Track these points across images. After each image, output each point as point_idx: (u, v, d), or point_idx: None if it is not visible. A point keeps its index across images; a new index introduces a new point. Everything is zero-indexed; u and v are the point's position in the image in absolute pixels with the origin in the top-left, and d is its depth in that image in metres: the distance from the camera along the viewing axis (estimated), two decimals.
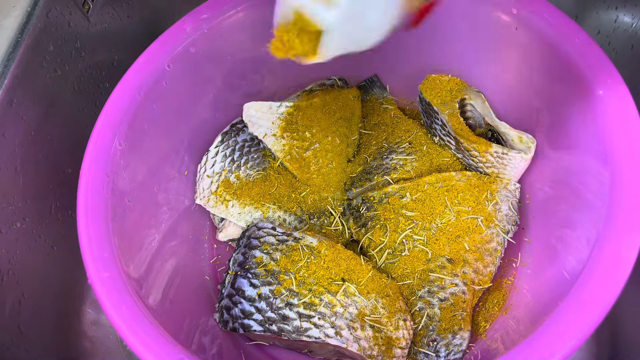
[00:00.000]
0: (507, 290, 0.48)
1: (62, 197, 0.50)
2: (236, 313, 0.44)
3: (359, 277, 0.44)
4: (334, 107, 0.55)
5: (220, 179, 0.53)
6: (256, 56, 0.56)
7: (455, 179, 0.49)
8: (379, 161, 0.53)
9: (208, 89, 0.54)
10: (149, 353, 0.35)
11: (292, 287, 0.43)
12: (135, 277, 0.40)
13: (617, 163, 0.38)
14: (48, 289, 0.49)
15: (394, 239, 0.47)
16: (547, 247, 0.46)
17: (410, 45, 0.57)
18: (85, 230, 0.40)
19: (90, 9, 0.53)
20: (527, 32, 0.46)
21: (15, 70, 0.43)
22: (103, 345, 0.54)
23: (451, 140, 0.52)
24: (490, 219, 0.47)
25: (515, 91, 0.51)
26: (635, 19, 0.45)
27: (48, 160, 0.48)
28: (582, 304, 0.34)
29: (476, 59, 0.54)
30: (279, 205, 0.52)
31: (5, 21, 0.44)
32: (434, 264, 0.45)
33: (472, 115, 0.53)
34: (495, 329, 0.45)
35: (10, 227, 0.44)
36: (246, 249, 0.47)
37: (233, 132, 0.56)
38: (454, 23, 0.52)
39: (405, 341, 0.42)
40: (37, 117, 0.46)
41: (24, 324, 0.45)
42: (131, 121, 0.46)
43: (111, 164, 0.43)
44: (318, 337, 0.41)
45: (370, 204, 0.50)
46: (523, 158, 0.48)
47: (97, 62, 0.55)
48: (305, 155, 0.53)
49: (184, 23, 0.50)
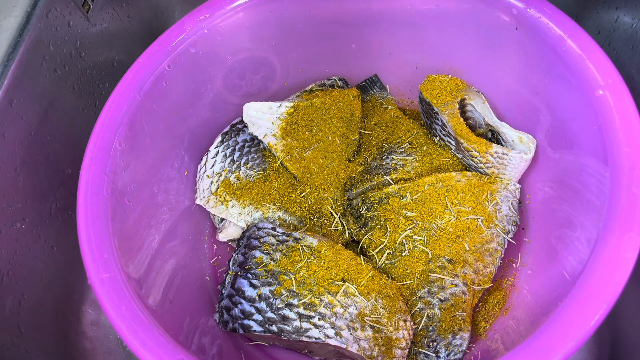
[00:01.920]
0: (507, 290, 0.48)
1: (62, 197, 0.50)
2: (236, 313, 0.44)
3: (359, 277, 0.44)
4: (334, 107, 0.55)
5: (220, 179, 0.53)
6: (256, 56, 0.56)
7: (455, 180, 0.49)
8: (379, 161, 0.53)
9: (208, 89, 0.54)
10: (148, 353, 0.35)
11: (292, 287, 0.43)
12: (135, 277, 0.40)
13: (617, 163, 0.38)
14: (48, 289, 0.49)
15: (394, 239, 0.47)
16: (547, 247, 0.46)
17: (411, 46, 0.57)
18: (85, 230, 0.40)
19: (90, 9, 0.53)
20: (527, 32, 0.46)
21: (15, 70, 0.43)
22: (103, 345, 0.54)
23: (451, 141, 0.52)
24: (490, 220, 0.47)
25: (515, 91, 0.51)
26: (635, 19, 0.45)
27: (48, 160, 0.48)
28: (582, 304, 0.34)
29: (476, 59, 0.54)
30: (279, 205, 0.52)
31: (5, 21, 0.44)
32: (434, 265, 0.45)
33: (472, 115, 0.53)
34: (495, 329, 0.45)
35: (10, 227, 0.44)
36: (246, 249, 0.47)
37: (233, 132, 0.56)
38: (454, 23, 0.52)
39: (405, 341, 0.42)
40: (37, 117, 0.46)
41: (24, 324, 0.45)
42: (131, 121, 0.46)
43: (111, 164, 0.43)
44: (318, 338, 0.41)
45: (370, 204, 0.50)
46: (523, 158, 0.48)
47: (97, 62, 0.55)
48: (305, 156, 0.53)
49: (184, 23, 0.50)
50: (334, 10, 0.54)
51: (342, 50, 0.58)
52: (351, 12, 0.54)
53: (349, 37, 0.57)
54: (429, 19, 0.54)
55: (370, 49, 0.58)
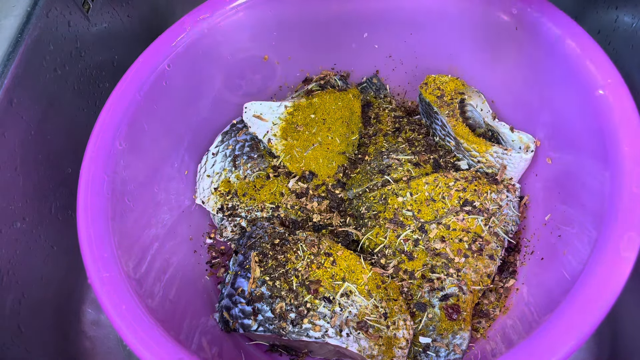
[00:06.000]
0: (507, 290, 0.48)
1: (62, 197, 0.50)
2: (236, 313, 0.44)
3: (359, 277, 0.44)
4: (334, 107, 0.55)
5: (221, 178, 0.53)
6: (256, 56, 0.56)
7: (455, 179, 0.49)
8: (378, 161, 0.53)
9: (208, 89, 0.54)
10: (148, 353, 0.35)
11: (292, 287, 0.43)
12: (135, 276, 0.40)
13: (617, 163, 0.38)
14: (48, 289, 0.49)
15: (394, 239, 0.47)
16: (547, 247, 0.46)
17: (410, 46, 0.57)
18: (85, 230, 0.40)
19: (90, 9, 0.53)
20: (527, 32, 0.46)
21: (15, 70, 0.43)
22: (103, 345, 0.54)
23: (451, 141, 0.52)
24: (490, 219, 0.47)
25: (515, 91, 0.51)
26: (635, 19, 0.45)
27: (48, 160, 0.48)
28: (582, 304, 0.34)
29: (476, 59, 0.54)
30: (279, 205, 0.52)
31: (5, 21, 0.44)
32: (434, 264, 0.45)
33: (472, 115, 0.53)
34: (495, 329, 0.45)
35: (10, 227, 0.44)
36: (246, 249, 0.47)
37: (233, 132, 0.56)
38: (454, 23, 0.52)
39: (405, 341, 0.42)
40: (37, 117, 0.46)
41: (24, 324, 0.45)
42: (131, 121, 0.46)
43: (111, 164, 0.43)
44: (318, 337, 0.41)
45: (370, 204, 0.50)
46: (523, 158, 0.48)
47: (97, 62, 0.55)
48: (305, 155, 0.53)
49: (184, 23, 0.50)
50: (334, 10, 0.54)
51: (342, 49, 0.58)
52: (351, 11, 0.54)
53: (349, 37, 0.57)
54: (429, 19, 0.54)
55: (370, 49, 0.58)
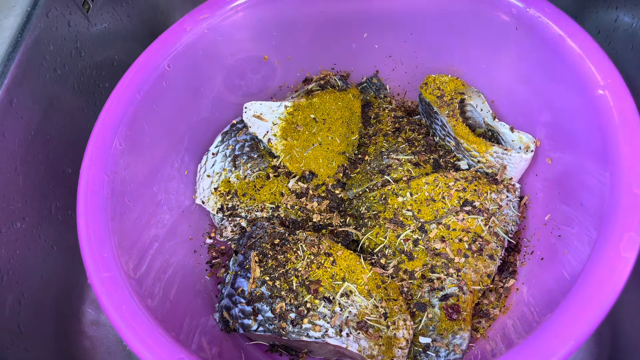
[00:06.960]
0: (507, 290, 0.48)
1: (62, 197, 0.50)
2: (236, 313, 0.44)
3: (358, 277, 0.44)
4: (334, 107, 0.55)
5: (221, 178, 0.53)
6: (256, 56, 0.56)
7: (455, 179, 0.49)
8: (378, 161, 0.53)
9: (208, 88, 0.54)
10: (148, 353, 0.35)
11: (292, 287, 0.43)
12: (135, 276, 0.40)
13: (617, 163, 0.38)
14: (48, 289, 0.49)
15: (394, 239, 0.47)
16: (547, 247, 0.46)
17: (410, 46, 0.57)
18: (85, 230, 0.40)
19: (90, 9, 0.53)
20: (527, 32, 0.46)
21: (15, 70, 0.43)
22: (103, 345, 0.54)
23: (451, 141, 0.52)
24: (490, 219, 0.47)
25: (515, 91, 0.51)
26: (635, 19, 0.45)
27: (48, 160, 0.48)
28: (582, 304, 0.34)
29: (476, 59, 0.54)
30: (279, 205, 0.52)
31: (5, 21, 0.44)
32: (434, 264, 0.45)
33: (472, 115, 0.53)
34: (495, 329, 0.45)
35: (10, 227, 0.44)
36: (246, 248, 0.47)
37: (233, 132, 0.56)
38: (454, 23, 0.52)
39: (405, 341, 0.42)
40: (37, 117, 0.46)
41: (24, 324, 0.45)
42: (131, 121, 0.46)
43: (111, 164, 0.43)
44: (318, 337, 0.41)
45: (370, 204, 0.50)
46: (523, 158, 0.48)
47: (97, 62, 0.55)
48: (305, 155, 0.53)
49: (184, 23, 0.50)
50: (334, 10, 0.54)
51: (342, 50, 0.58)
52: (351, 12, 0.54)
53: (349, 37, 0.57)
54: (429, 19, 0.54)
55: (370, 49, 0.58)
